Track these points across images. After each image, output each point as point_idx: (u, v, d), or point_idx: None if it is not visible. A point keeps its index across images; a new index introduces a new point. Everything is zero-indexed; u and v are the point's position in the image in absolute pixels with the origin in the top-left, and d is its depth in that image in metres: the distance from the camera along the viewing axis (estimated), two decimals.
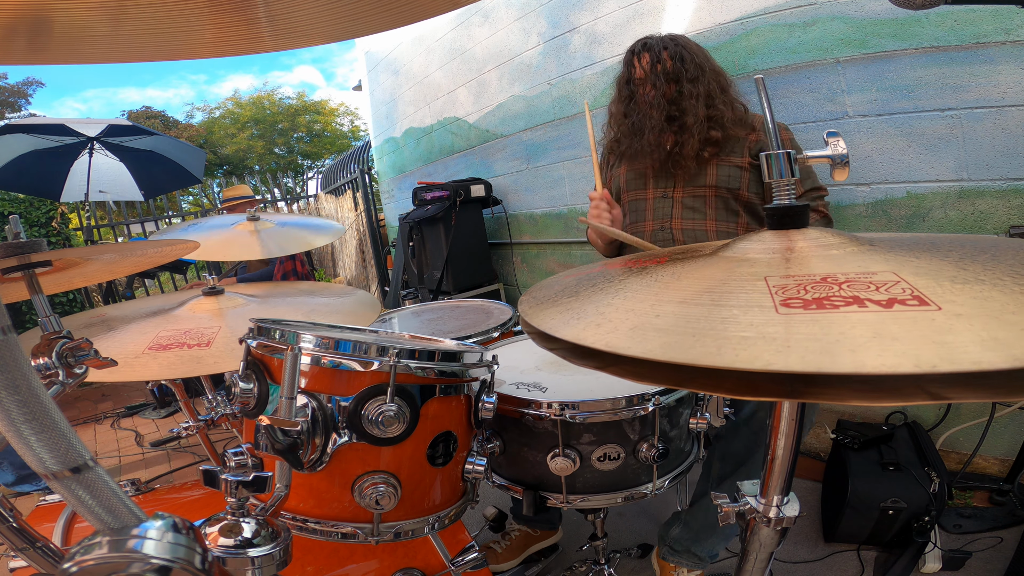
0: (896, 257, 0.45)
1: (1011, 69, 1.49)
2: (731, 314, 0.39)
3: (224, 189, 3.55)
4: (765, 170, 0.57)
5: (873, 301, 0.37)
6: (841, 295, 0.39)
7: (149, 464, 2.66)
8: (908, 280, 0.40)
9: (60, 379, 0.65)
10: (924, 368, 0.30)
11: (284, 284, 1.54)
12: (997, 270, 0.40)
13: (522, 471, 0.94)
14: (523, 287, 3.53)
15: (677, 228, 1.54)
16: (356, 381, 0.70)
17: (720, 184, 1.48)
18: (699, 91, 1.44)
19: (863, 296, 0.38)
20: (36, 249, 0.70)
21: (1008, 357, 0.29)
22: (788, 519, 0.58)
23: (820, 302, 0.38)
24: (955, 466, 1.73)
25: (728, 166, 1.48)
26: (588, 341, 0.41)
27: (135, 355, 0.93)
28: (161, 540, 0.32)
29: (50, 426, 0.30)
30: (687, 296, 0.44)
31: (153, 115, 19.34)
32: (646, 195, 1.61)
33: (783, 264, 0.47)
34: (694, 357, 0.35)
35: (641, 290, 0.49)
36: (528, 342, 1.24)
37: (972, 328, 0.33)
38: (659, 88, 1.46)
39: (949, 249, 0.47)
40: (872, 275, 0.42)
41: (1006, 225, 1.57)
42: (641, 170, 1.60)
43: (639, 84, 1.51)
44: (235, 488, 0.49)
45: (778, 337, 0.35)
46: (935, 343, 0.32)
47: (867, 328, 0.34)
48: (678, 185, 1.55)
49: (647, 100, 1.49)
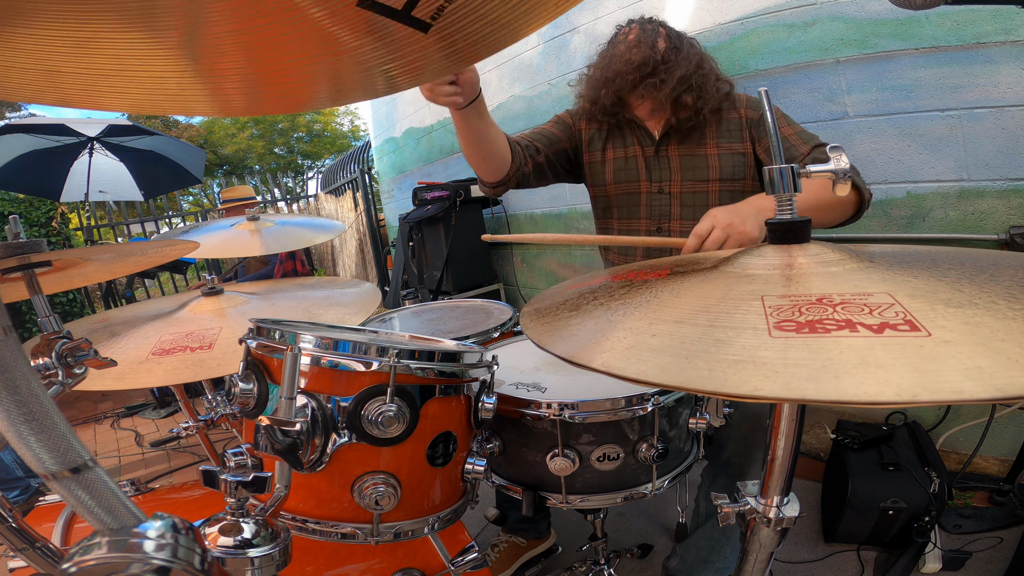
0: (894, 276, 0.46)
1: (1011, 69, 1.49)
2: (725, 336, 0.40)
3: (224, 190, 3.53)
4: (767, 184, 0.57)
5: (865, 326, 0.38)
6: (834, 318, 0.40)
7: (149, 464, 2.66)
8: (903, 303, 0.41)
9: (60, 379, 0.65)
10: (904, 398, 0.31)
11: (284, 281, 1.54)
12: (993, 292, 0.41)
13: (521, 471, 0.94)
14: (523, 287, 3.53)
15: (676, 230, 1.41)
16: (356, 381, 0.70)
17: (724, 176, 1.36)
18: (682, 58, 1.33)
19: (856, 320, 0.39)
20: (36, 249, 0.70)
21: (989, 388, 0.30)
22: (788, 519, 0.58)
23: (813, 325, 0.39)
24: (955, 466, 1.73)
25: (730, 155, 1.36)
26: (586, 360, 0.43)
27: (139, 361, 0.93)
28: (160, 540, 0.32)
29: (49, 426, 0.30)
30: (684, 315, 0.46)
31: (153, 115, 19.33)
32: (639, 188, 1.45)
33: (782, 282, 0.48)
34: (684, 380, 0.37)
35: (640, 307, 0.50)
36: (528, 342, 1.24)
37: (958, 355, 0.34)
38: (643, 40, 1.34)
39: (948, 267, 0.48)
40: (868, 296, 0.43)
41: (1006, 225, 1.57)
42: (631, 156, 1.45)
43: (622, 37, 1.41)
44: (235, 488, 0.49)
45: (768, 362, 0.36)
46: (919, 371, 0.33)
47: (855, 354, 0.35)
48: (674, 178, 1.40)
49: (629, 48, 1.36)
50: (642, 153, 1.43)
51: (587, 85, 1.47)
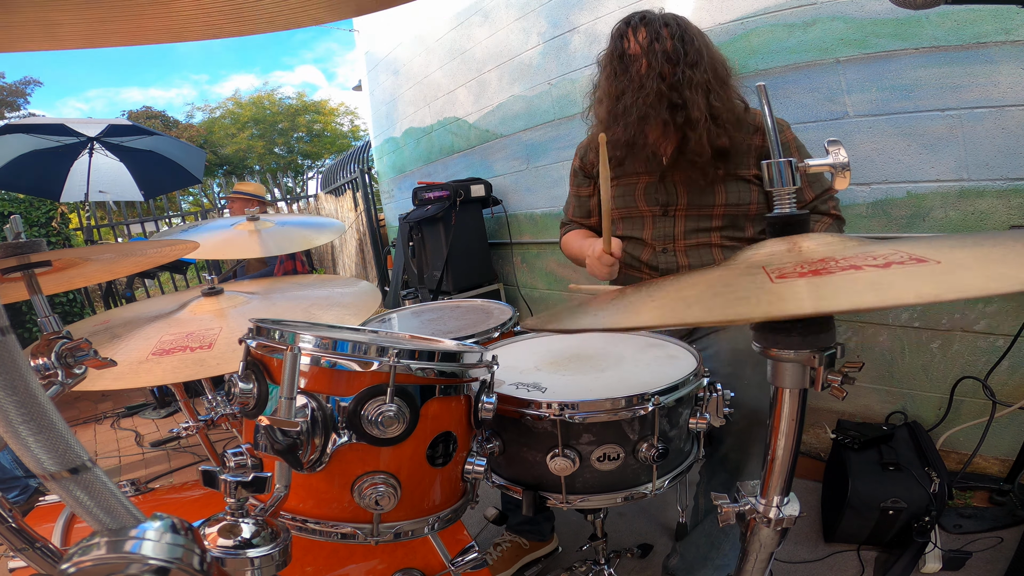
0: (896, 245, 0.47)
1: (1011, 69, 1.49)
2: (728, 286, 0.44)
3: (238, 183, 3.51)
4: (766, 179, 0.57)
5: (871, 265, 0.39)
6: (839, 266, 0.41)
7: (149, 464, 2.66)
8: (906, 251, 0.41)
9: (59, 380, 0.65)
10: (927, 299, 0.30)
11: (284, 280, 1.54)
12: (998, 240, 0.42)
13: (522, 471, 0.94)
14: (523, 287, 3.53)
15: (681, 250, 1.40)
16: (356, 381, 0.70)
17: (730, 203, 1.33)
18: (698, 79, 1.24)
19: (860, 264, 0.40)
20: (36, 249, 0.70)
21: (1015, 281, 0.30)
22: (788, 519, 0.58)
23: (816, 271, 0.40)
24: (955, 466, 1.73)
25: (737, 181, 1.33)
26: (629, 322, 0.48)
27: (139, 361, 0.93)
28: (159, 541, 0.32)
29: (48, 427, 0.30)
30: (689, 295, 0.47)
31: (153, 115, 19.34)
32: (640, 211, 1.41)
33: (785, 256, 0.49)
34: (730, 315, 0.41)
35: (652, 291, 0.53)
36: (528, 342, 1.24)
37: (974, 275, 0.34)
38: (655, 68, 1.25)
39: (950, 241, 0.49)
40: (871, 252, 0.43)
41: (1006, 225, 1.57)
42: (632, 180, 1.40)
43: (633, 60, 1.29)
44: (234, 488, 0.49)
45: (774, 294, 0.39)
46: (934, 283, 0.33)
47: (865, 283, 0.36)
48: (681, 202, 1.36)
49: (641, 79, 1.26)
50: (648, 178, 1.39)
51: (598, 117, 1.40)
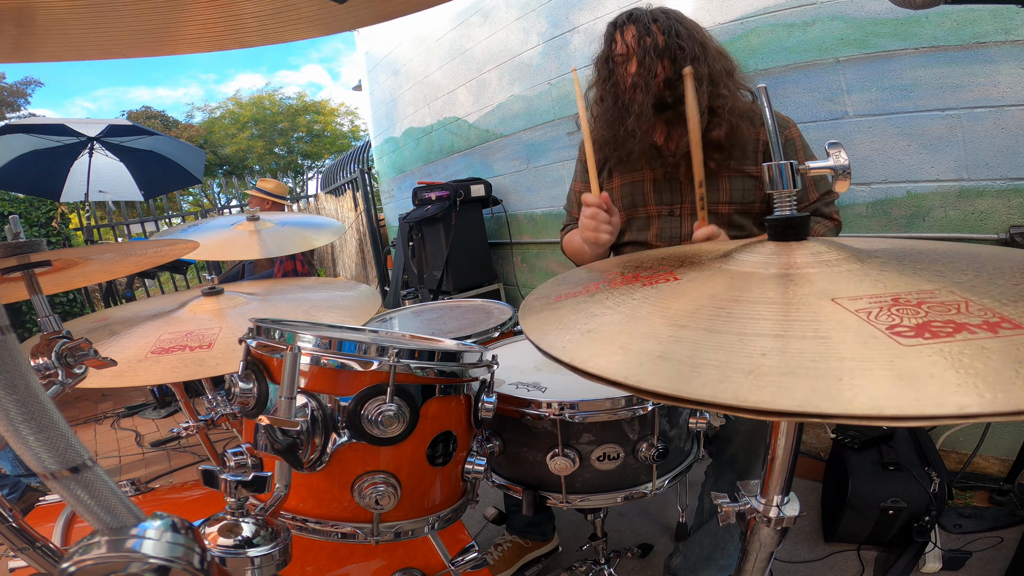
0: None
1: (1011, 69, 1.49)
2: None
3: (260, 179, 3.48)
4: (766, 180, 0.57)
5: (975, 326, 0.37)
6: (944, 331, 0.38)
7: (149, 464, 2.66)
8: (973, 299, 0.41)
9: (59, 379, 0.65)
10: None
11: (284, 281, 1.54)
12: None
13: (522, 471, 0.94)
14: (523, 287, 3.53)
15: None
16: (356, 381, 0.70)
17: (735, 200, 1.31)
18: (701, 72, 1.19)
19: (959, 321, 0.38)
20: (36, 249, 0.70)
21: None
22: (788, 519, 0.58)
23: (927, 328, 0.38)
24: (955, 466, 1.73)
25: (742, 177, 1.29)
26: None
27: (138, 359, 0.93)
28: (160, 540, 0.32)
29: (48, 426, 0.30)
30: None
31: (153, 115, 19.35)
32: (647, 212, 1.39)
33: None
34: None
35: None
36: (528, 342, 1.24)
37: None
38: (647, 67, 1.22)
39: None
40: (930, 294, 0.43)
41: (1006, 225, 1.57)
42: (638, 180, 1.38)
43: (620, 62, 1.27)
44: (235, 488, 0.49)
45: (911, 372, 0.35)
46: None
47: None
48: (685, 201, 1.34)
49: (630, 80, 1.24)
50: (652, 176, 1.36)
51: (596, 120, 1.37)
